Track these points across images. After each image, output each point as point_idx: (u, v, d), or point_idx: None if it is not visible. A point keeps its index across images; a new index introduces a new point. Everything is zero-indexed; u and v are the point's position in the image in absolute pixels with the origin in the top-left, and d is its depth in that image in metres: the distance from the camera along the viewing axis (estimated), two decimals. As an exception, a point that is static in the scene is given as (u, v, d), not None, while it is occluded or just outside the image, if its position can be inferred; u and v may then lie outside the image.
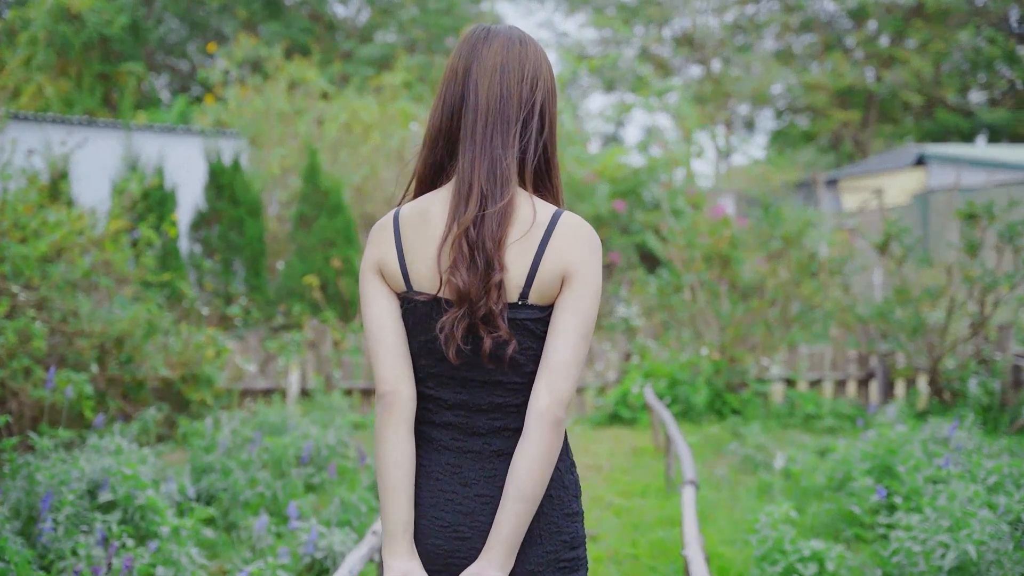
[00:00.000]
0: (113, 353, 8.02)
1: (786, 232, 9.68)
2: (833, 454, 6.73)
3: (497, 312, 2.04)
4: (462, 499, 2.12)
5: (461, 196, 2.09)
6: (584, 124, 26.24)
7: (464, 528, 2.11)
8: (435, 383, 2.15)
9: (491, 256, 2.03)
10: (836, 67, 31.32)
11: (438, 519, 2.12)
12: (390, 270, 2.16)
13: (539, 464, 2.03)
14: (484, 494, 2.11)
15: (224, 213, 12.92)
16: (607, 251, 16.93)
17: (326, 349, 9.90)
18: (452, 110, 2.15)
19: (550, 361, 2.04)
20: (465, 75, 2.15)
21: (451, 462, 2.14)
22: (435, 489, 2.14)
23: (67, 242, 7.95)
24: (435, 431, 2.16)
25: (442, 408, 2.15)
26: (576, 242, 2.09)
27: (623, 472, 7.65)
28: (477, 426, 2.13)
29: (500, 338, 2.05)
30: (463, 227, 2.05)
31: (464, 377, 2.11)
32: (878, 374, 9.83)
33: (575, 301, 2.06)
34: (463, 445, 2.14)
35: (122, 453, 5.99)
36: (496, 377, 2.10)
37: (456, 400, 2.13)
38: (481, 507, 2.10)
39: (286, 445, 6.29)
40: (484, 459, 2.12)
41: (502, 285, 2.04)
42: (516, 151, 2.13)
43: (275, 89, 15.86)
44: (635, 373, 9.84)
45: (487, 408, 2.12)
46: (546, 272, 2.06)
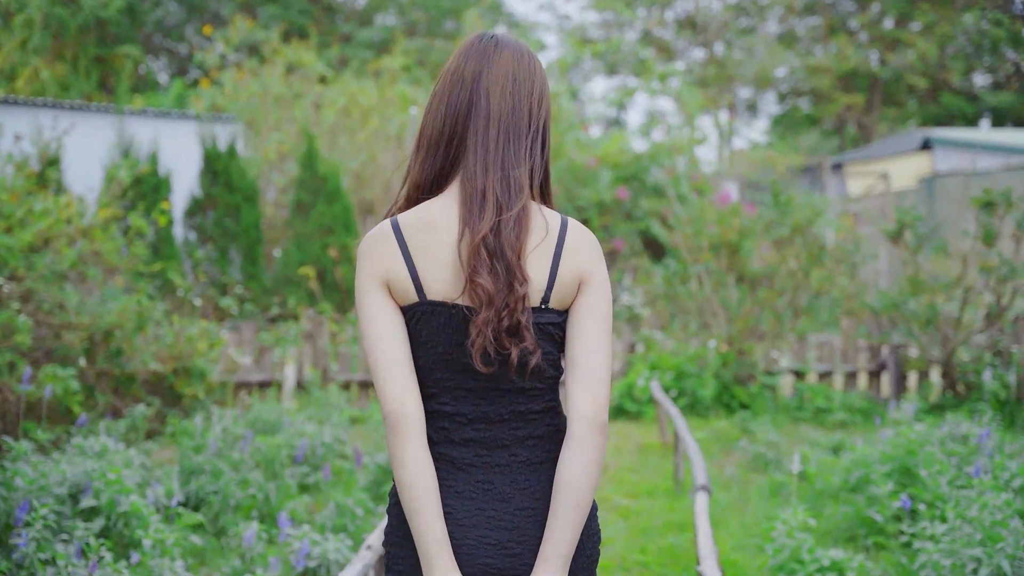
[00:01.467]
0: (102, 346, 7.75)
1: (796, 221, 9.39)
2: (848, 453, 6.48)
3: (524, 323, 2.01)
4: (503, 515, 2.07)
5: (474, 202, 2.06)
6: (586, 108, 25.92)
7: (513, 544, 2.06)
8: (451, 397, 2.09)
9: (512, 265, 2.01)
10: (840, 50, 30.96)
11: (485, 538, 2.06)
12: (399, 281, 2.07)
13: (592, 470, 2.02)
14: (525, 507, 2.07)
15: (219, 199, 12.63)
16: (611, 238, 16.66)
17: (323, 341, 9.64)
18: (457, 115, 2.12)
19: (584, 367, 2.03)
20: (474, 80, 2.12)
21: (481, 479, 2.09)
22: (473, 508, 2.08)
23: (53, 231, 7.68)
24: (457, 450, 2.09)
25: (461, 424, 2.09)
26: (588, 247, 2.10)
27: (630, 471, 7.39)
28: (501, 438, 2.09)
29: (527, 348, 2.01)
30: (481, 233, 2.01)
31: (485, 387, 2.07)
32: (890, 366, 9.56)
33: (595, 304, 2.07)
34: (489, 460, 2.09)
35: (107, 454, 5.74)
36: (518, 384, 2.07)
37: (476, 413, 2.08)
38: (525, 521, 2.07)
39: (279, 445, 6.03)
40: (514, 471, 2.08)
41: (527, 297, 2.01)
42: (528, 163, 2.12)
43: (272, 73, 15.53)
44: (641, 365, 9.57)
45: (509, 418, 2.09)
46: (564, 278, 2.06)
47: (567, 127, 16.91)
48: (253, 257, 12.66)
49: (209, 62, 17.31)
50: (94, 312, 7.60)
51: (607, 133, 24.37)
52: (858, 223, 15.74)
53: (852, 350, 9.86)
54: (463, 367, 2.05)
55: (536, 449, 2.09)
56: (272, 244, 13.68)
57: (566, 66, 19.85)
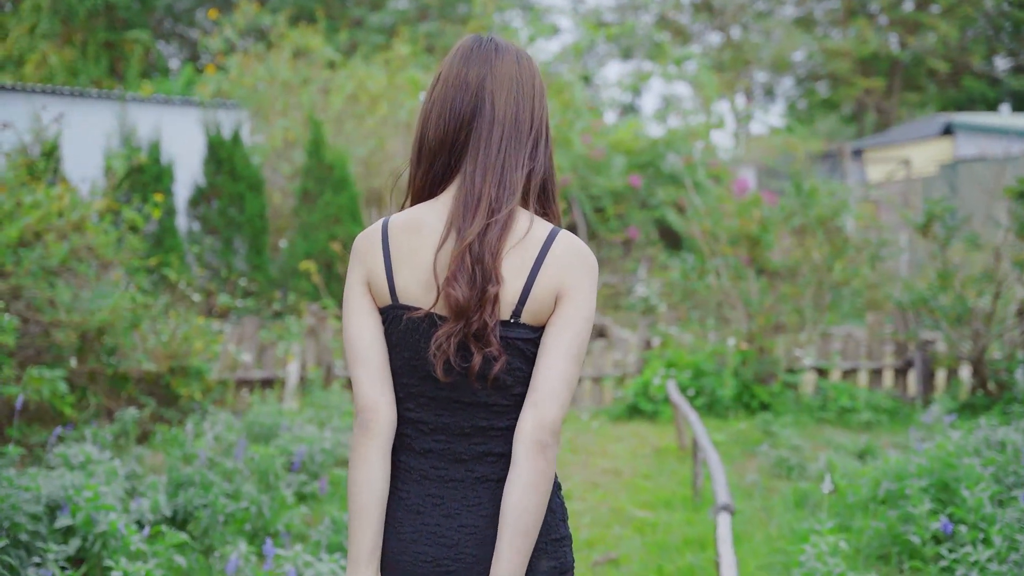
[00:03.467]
0: (95, 345, 7.42)
1: (820, 213, 8.98)
2: (877, 460, 6.10)
3: (491, 326, 1.98)
4: (446, 531, 2.05)
5: (467, 207, 2.03)
6: (600, 93, 25.48)
7: (448, 561, 2.04)
8: (416, 404, 2.07)
9: (488, 267, 1.98)
10: (860, 33, 30.40)
11: (421, 554, 2.05)
12: (376, 283, 2.07)
13: (532, 493, 1.95)
14: (468, 524, 2.04)
15: (224, 188, 12.29)
16: (625, 226, 16.26)
17: (326, 337, 9.29)
18: (461, 121, 2.09)
19: (538, 383, 1.98)
20: (479, 86, 2.10)
21: (432, 493, 2.07)
22: (417, 523, 2.06)
23: (42, 225, 7.34)
24: (415, 459, 2.08)
25: (423, 433, 2.07)
26: (572, 262, 2.04)
27: (645, 477, 7.03)
28: (459, 452, 2.06)
29: (491, 354, 1.98)
30: (468, 239, 1.99)
31: (448, 397, 2.05)
32: (917, 363, 9.16)
33: (568, 323, 2.01)
34: (445, 474, 2.06)
35: (91, 463, 5.40)
36: (481, 398, 2.03)
37: (438, 423, 2.06)
38: (466, 538, 2.04)
39: (273, 455, 5.68)
40: (467, 487, 2.06)
41: (497, 299, 1.98)
42: (526, 167, 2.09)
43: (279, 58, 15.16)
44: (656, 363, 9.19)
45: (470, 432, 2.05)
46: (540, 290, 2.01)
47: (577, 117, 16.50)
48: (258, 248, 12.33)
49: (214, 47, 16.93)
50: (86, 309, 7.27)
51: (622, 119, 23.93)
52: (879, 210, 15.32)
53: (877, 346, 9.46)
54: (426, 374, 2.03)
55: (494, 466, 2.05)
56: (278, 234, 13.35)
57: (580, 50, 19.39)
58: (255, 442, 6.80)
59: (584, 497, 6.55)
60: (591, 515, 6.16)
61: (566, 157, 15.57)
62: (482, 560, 2.02)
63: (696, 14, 33.58)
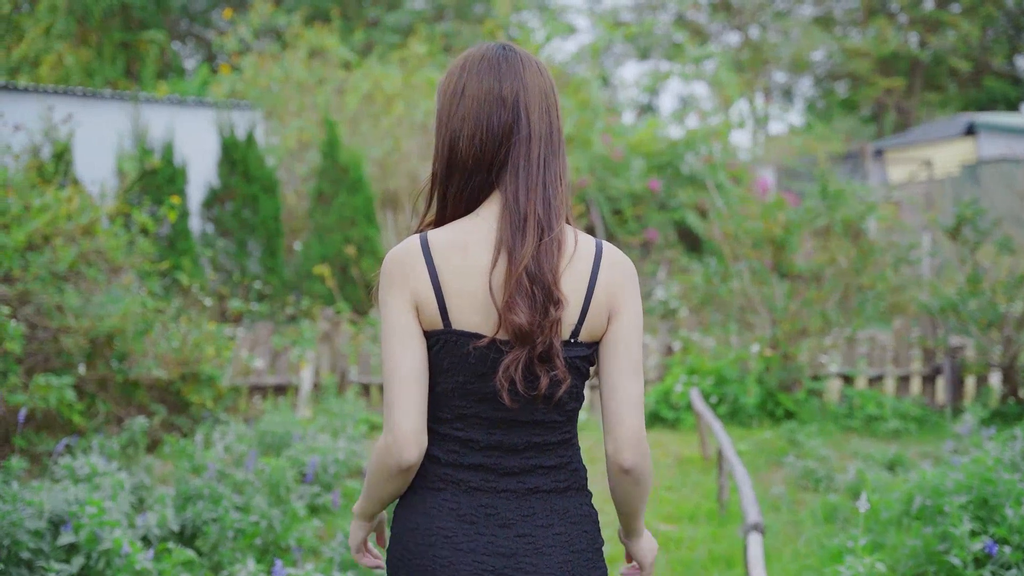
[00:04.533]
0: (104, 351, 7.26)
1: (847, 216, 8.76)
2: (912, 473, 5.89)
3: (556, 349, 1.97)
4: (502, 541, 2.03)
5: (515, 227, 1.98)
6: (618, 93, 25.25)
7: (511, 571, 2.03)
8: (466, 424, 2.03)
9: (551, 289, 1.96)
10: (880, 32, 30.08)
11: (482, 563, 2.02)
12: (425, 306, 1.99)
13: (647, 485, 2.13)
14: (525, 534, 2.04)
15: (237, 190, 12.14)
16: (644, 228, 16.05)
17: (341, 342, 9.11)
18: (500, 139, 2.03)
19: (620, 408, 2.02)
20: (515, 101, 2.04)
21: (485, 503, 2.04)
22: (472, 533, 2.03)
23: (51, 228, 7.19)
24: (464, 473, 2.04)
25: (473, 450, 2.04)
26: (621, 276, 2.06)
27: (668, 488, 6.82)
28: (511, 466, 2.04)
29: (556, 376, 1.99)
30: (524, 262, 1.96)
31: (504, 418, 2.02)
32: (946, 370, 8.92)
33: (627, 341, 2.04)
34: (496, 485, 2.04)
35: (97, 475, 5.24)
36: (539, 417, 2.03)
37: (491, 441, 2.03)
38: (523, 548, 2.03)
39: (284, 467, 5.50)
40: (520, 498, 2.05)
41: (560, 321, 1.97)
42: (563, 181, 2.07)
43: (293, 58, 15.01)
44: (678, 369, 8.98)
45: (523, 448, 2.04)
46: (596, 308, 2.02)
47: (596, 114, 16.29)
48: (272, 250, 12.17)
49: (229, 47, 16.79)
50: (95, 314, 7.11)
51: (640, 119, 23.71)
52: (901, 211, 15.07)
53: (904, 352, 9.22)
54: (483, 397, 2.00)
55: (545, 478, 2.06)
56: (293, 236, 13.20)
57: (597, 50, 19.18)
58: (267, 452, 6.63)
59: (604, 510, 6.32)
60: (612, 528, 5.95)
61: (584, 158, 15.36)
62: (540, 570, 2.03)
63: (714, 13, 33.31)
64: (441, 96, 2.10)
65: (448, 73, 2.10)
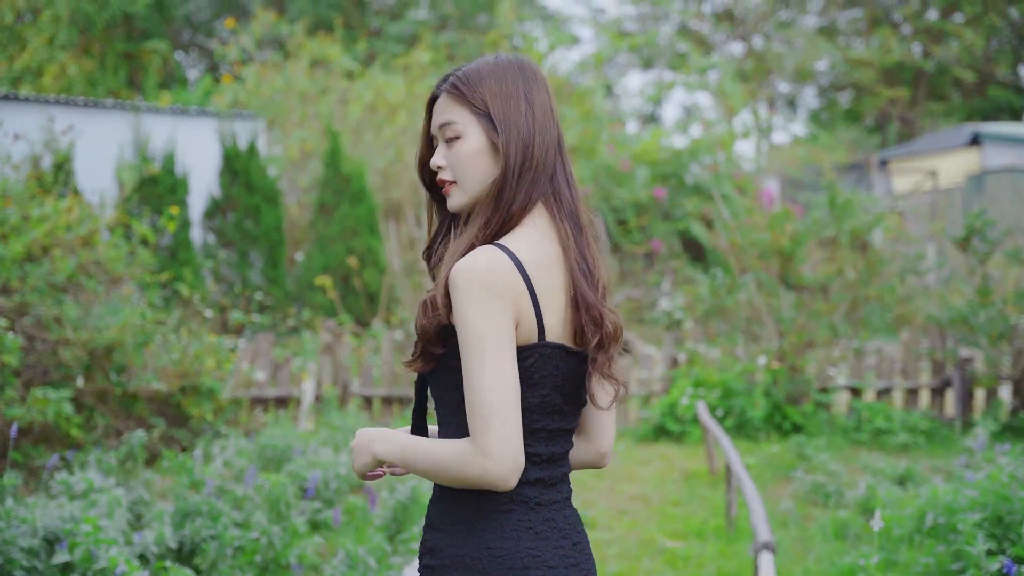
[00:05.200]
0: (103, 363, 7.16)
1: (855, 227, 8.66)
2: (922, 489, 5.78)
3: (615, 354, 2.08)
4: (568, 551, 2.07)
5: (579, 238, 2.08)
6: (621, 103, 25.19)
7: None
8: (533, 439, 2.04)
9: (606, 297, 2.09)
10: (884, 43, 29.99)
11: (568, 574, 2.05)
12: (525, 322, 1.99)
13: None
14: (577, 542, 2.10)
15: (239, 200, 12.06)
16: (648, 238, 15.95)
17: (343, 354, 9.01)
18: (552, 148, 2.10)
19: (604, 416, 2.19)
20: (553, 111, 2.13)
21: (546, 517, 2.06)
22: (549, 548, 2.04)
23: (50, 239, 7.10)
24: (526, 489, 2.05)
25: (534, 465, 2.05)
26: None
27: (675, 504, 6.71)
28: (554, 476, 2.09)
29: (615, 383, 2.08)
30: (604, 274, 2.09)
31: (559, 428, 2.07)
32: (956, 383, 8.81)
33: None
34: (548, 497, 2.07)
35: (93, 491, 5.14)
36: (573, 424, 2.11)
37: (547, 454, 2.07)
38: (582, 555, 2.10)
39: (284, 482, 5.40)
40: (564, 506, 2.10)
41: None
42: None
43: (296, 67, 14.94)
44: (684, 382, 8.87)
45: (561, 456, 2.10)
46: None
47: (602, 124, 16.19)
48: (274, 261, 12.09)
49: (231, 56, 16.73)
50: (94, 326, 7.02)
51: (644, 129, 23.64)
52: (905, 222, 14.97)
53: (912, 364, 9.11)
54: (554, 409, 2.05)
55: (567, 484, 2.13)
56: (295, 247, 13.11)
57: (601, 60, 19.10)
58: (268, 466, 6.53)
59: (611, 526, 6.24)
60: (619, 545, 5.85)
61: (588, 168, 15.27)
62: (594, 574, 2.12)
63: (717, 23, 33.24)
64: (506, 101, 2.08)
65: (503, 77, 2.10)
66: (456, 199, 2.11)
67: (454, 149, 2.10)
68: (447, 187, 2.13)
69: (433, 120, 2.15)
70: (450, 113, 2.10)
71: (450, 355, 2.02)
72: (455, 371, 2.01)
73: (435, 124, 2.14)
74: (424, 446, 2.02)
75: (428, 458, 2.00)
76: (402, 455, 2.03)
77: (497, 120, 2.07)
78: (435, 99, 2.16)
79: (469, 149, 2.08)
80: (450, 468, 1.96)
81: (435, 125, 2.14)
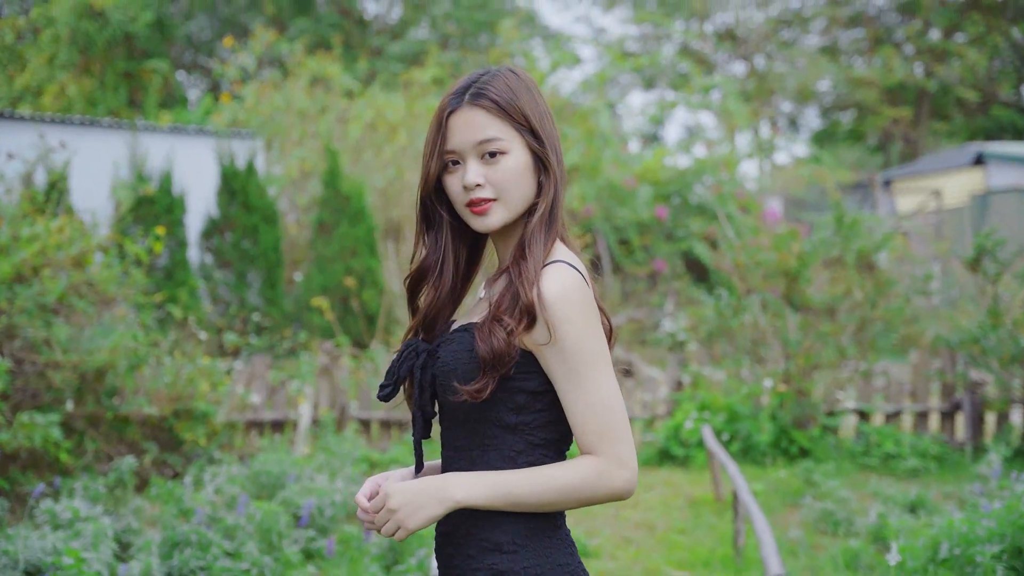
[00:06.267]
0: (94, 387, 6.99)
1: (863, 247, 8.49)
2: (936, 518, 5.59)
3: None
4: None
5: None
6: (623, 123, 25.07)
7: None
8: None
9: None
10: (886, 62, 29.90)
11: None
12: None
13: None
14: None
15: (237, 220, 11.91)
16: (651, 259, 15.78)
17: (340, 376, 8.84)
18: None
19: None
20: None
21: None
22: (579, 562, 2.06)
23: (40, 260, 6.94)
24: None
25: None
26: None
27: (681, 532, 6.52)
28: None
29: None
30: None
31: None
32: (966, 407, 8.62)
33: None
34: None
35: (78, 520, 4.97)
36: None
37: None
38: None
39: (277, 511, 5.22)
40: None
41: None
42: None
43: (295, 86, 14.82)
44: (688, 405, 8.68)
45: None
46: None
47: (606, 143, 16.05)
48: (272, 281, 11.93)
49: (229, 75, 16.61)
50: (84, 349, 6.85)
51: (646, 148, 23.51)
52: (910, 242, 14.81)
53: (922, 387, 8.92)
54: None
55: None
56: (294, 267, 12.96)
57: (604, 79, 18.99)
58: (262, 492, 6.35)
59: (615, 555, 6.06)
60: (623, 576, 5.67)
61: (591, 187, 15.11)
62: None
63: (719, 43, 33.18)
64: (542, 117, 2.05)
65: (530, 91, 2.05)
66: (496, 217, 2.02)
67: (499, 165, 2.01)
68: (484, 205, 2.02)
69: (461, 136, 2.02)
70: (491, 128, 2.00)
71: (516, 376, 1.96)
72: (516, 391, 1.96)
73: (465, 140, 2.02)
74: (535, 477, 1.93)
75: (548, 487, 1.93)
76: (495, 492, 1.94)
77: (545, 135, 2.03)
78: (450, 114, 2.04)
79: (516, 165, 2.01)
80: (583, 489, 1.93)
81: (465, 141, 2.02)
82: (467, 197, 2.03)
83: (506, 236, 2.09)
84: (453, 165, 2.06)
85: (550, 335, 1.92)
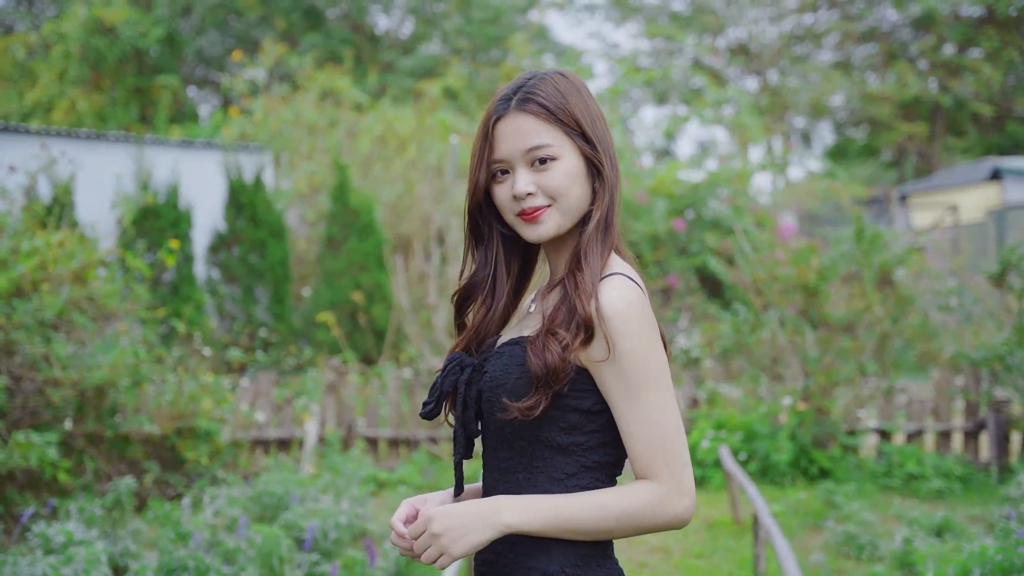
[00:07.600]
0: (94, 404, 6.81)
1: (885, 262, 8.27)
2: (967, 545, 5.36)
3: None
4: None
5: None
6: (636, 137, 24.91)
7: None
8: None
9: None
10: (900, 77, 29.71)
11: None
12: None
13: None
14: None
15: (245, 235, 11.73)
16: (664, 274, 15.56)
17: (347, 393, 8.64)
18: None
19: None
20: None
21: None
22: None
23: (39, 274, 6.76)
24: None
25: None
26: None
27: (698, 556, 6.29)
28: None
29: None
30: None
31: None
32: (990, 425, 8.37)
33: None
34: None
35: (72, 544, 4.77)
36: None
37: None
38: None
39: (278, 535, 5.02)
40: None
41: None
42: None
43: (304, 100, 14.67)
44: (704, 424, 8.46)
45: None
46: None
47: (620, 157, 15.87)
48: (280, 297, 11.74)
49: (239, 89, 16.49)
50: (84, 365, 6.67)
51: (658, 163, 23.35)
52: (927, 257, 14.58)
53: (945, 405, 8.68)
54: None
55: None
56: (302, 282, 12.78)
57: (617, 93, 18.83)
58: (264, 514, 6.15)
59: (630, 580, 5.84)
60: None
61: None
62: None
63: (732, 58, 33.02)
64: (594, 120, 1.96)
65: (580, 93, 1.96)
66: (550, 223, 1.93)
67: (550, 171, 1.92)
68: (538, 212, 1.92)
69: (509, 144, 1.92)
70: (541, 135, 1.92)
71: (570, 394, 1.86)
72: (569, 410, 1.87)
73: (513, 148, 1.92)
74: (591, 502, 1.83)
75: (605, 513, 1.82)
76: (549, 517, 1.82)
77: (597, 139, 1.94)
78: (496, 120, 1.93)
79: (569, 170, 1.92)
80: (641, 517, 1.83)
81: (514, 149, 1.93)
82: (518, 207, 1.93)
83: (559, 246, 2.00)
84: (502, 175, 1.96)
85: (609, 351, 1.83)
